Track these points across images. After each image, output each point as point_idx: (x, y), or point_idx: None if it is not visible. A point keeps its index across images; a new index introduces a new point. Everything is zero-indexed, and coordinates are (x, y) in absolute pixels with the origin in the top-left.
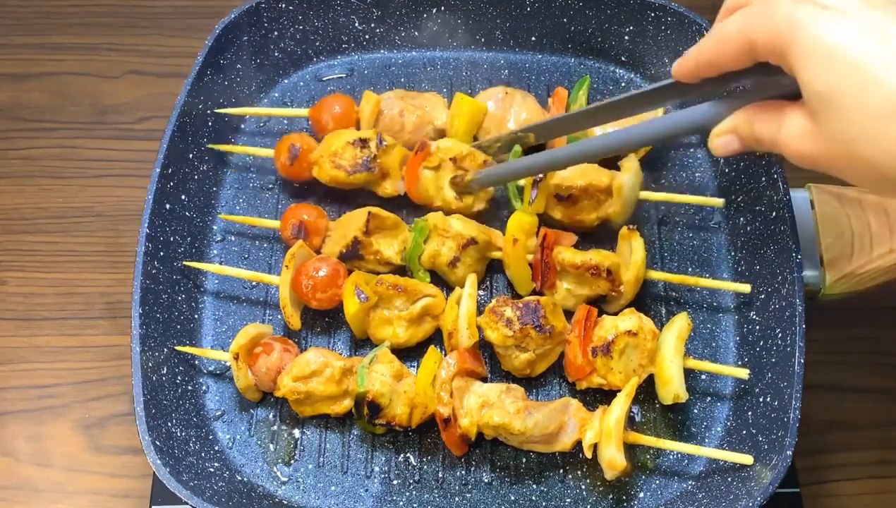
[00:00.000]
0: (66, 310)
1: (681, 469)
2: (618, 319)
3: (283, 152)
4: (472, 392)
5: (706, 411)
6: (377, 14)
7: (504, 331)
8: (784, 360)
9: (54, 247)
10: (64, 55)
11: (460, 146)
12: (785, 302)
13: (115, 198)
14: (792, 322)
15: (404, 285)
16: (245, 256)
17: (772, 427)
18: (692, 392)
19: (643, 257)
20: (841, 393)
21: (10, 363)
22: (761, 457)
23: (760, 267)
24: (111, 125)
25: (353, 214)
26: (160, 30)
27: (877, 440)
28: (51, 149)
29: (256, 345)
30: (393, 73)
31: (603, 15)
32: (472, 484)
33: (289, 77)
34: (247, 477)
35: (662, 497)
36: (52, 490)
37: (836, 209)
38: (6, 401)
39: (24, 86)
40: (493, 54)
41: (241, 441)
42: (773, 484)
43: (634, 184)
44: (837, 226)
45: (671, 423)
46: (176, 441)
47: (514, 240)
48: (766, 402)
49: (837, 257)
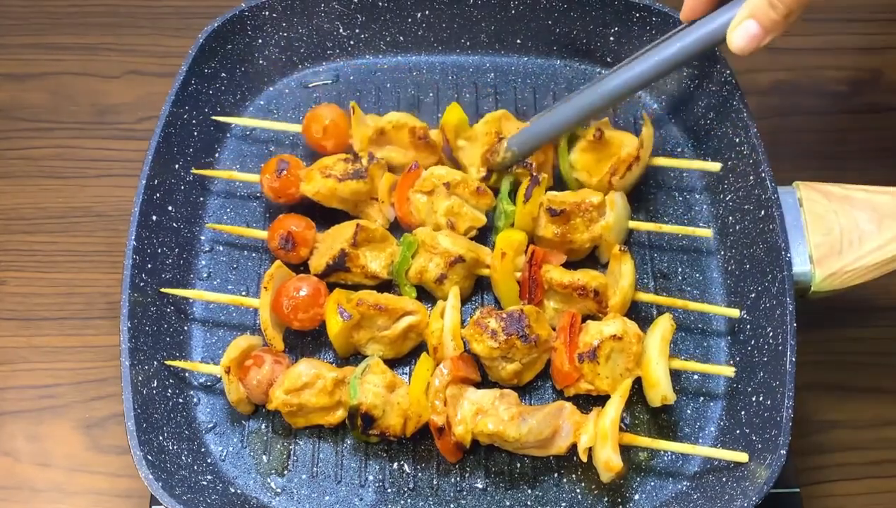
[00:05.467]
0: (66, 310)
1: (675, 470)
2: (602, 324)
3: (271, 170)
4: (466, 399)
5: (699, 411)
6: (362, 20)
7: (489, 343)
8: (776, 359)
9: (54, 246)
10: (63, 55)
11: (453, 173)
12: (775, 301)
13: (115, 198)
14: (783, 320)
15: (385, 303)
16: (234, 266)
17: (765, 426)
18: (684, 392)
19: (631, 282)
20: (841, 393)
21: (10, 363)
22: (756, 456)
23: (750, 265)
24: (111, 125)
25: (341, 226)
26: (160, 30)
27: (876, 440)
28: (51, 149)
29: (247, 358)
30: (379, 78)
31: (588, 16)
32: (467, 491)
33: (274, 85)
34: (240, 489)
35: (657, 498)
36: (52, 490)
37: (824, 206)
38: (6, 401)
39: (23, 86)
40: (478, 58)
41: (234, 453)
42: (768, 483)
43: (624, 205)
44: (826, 224)
45: (664, 424)
46: (168, 454)
47: (503, 254)
48: (759, 401)
49: (826, 254)
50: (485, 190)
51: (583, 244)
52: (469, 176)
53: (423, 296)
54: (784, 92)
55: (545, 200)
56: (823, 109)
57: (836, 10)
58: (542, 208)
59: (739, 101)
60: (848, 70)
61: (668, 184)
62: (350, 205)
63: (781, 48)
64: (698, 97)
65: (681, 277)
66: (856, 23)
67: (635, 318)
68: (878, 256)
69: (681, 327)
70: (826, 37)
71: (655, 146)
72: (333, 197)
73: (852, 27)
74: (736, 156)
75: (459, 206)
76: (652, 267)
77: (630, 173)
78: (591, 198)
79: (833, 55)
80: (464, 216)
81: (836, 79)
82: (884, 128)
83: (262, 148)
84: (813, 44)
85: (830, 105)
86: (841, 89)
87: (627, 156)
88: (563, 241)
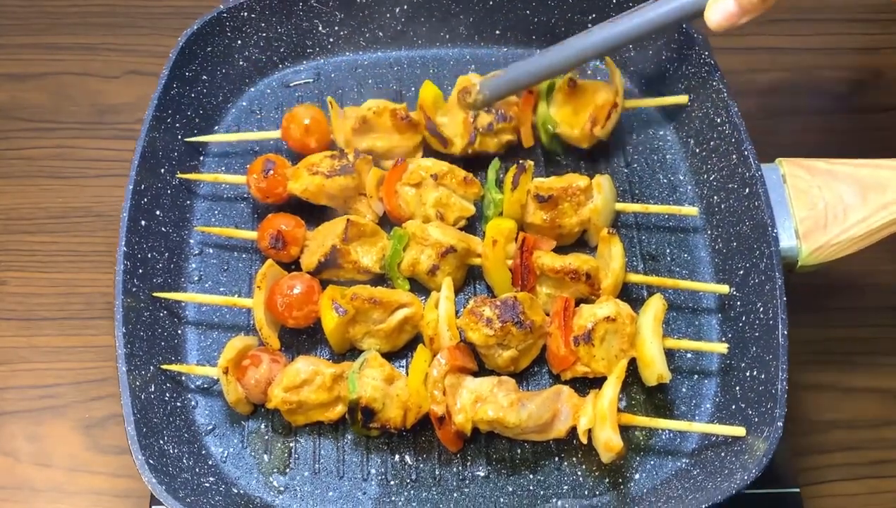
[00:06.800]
0: (67, 310)
1: (674, 448)
2: (595, 307)
3: (257, 170)
4: (465, 387)
5: (694, 389)
6: (340, 17)
7: (485, 331)
8: (767, 334)
9: (54, 246)
10: (63, 55)
11: (440, 164)
12: (764, 276)
13: (114, 198)
14: (773, 295)
15: (379, 297)
16: (224, 268)
17: (760, 399)
18: (678, 371)
19: (622, 264)
20: (841, 393)
21: (10, 363)
22: (753, 430)
23: (737, 243)
24: (111, 125)
25: (331, 223)
26: (160, 30)
27: (876, 440)
28: (51, 149)
29: (244, 358)
30: (360, 74)
31: (565, 4)
32: (470, 479)
33: (255, 85)
34: (243, 490)
35: (658, 476)
36: (52, 490)
37: (807, 182)
38: (6, 401)
39: (23, 86)
40: (458, 50)
41: (235, 454)
42: (766, 456)
43: (611, 188)
44: (810, 199)
45: (660, 404)
46: (169, 458)
47: (494, 241)
48: (753, 376)
49: (812, 229)
50: (472, 179)
51: (572, 228)
52: (455, 168)
53: (416, 289)
54: (784, 92)
55: (532, 187)
56: (823, 109)
57: (836, 10)
58: (529, 195)
59: (719, 81)
60: (848, 70)
61: (652, 166)
62: (339, 202)
63: (781, 48)
64: (677, 79)
65: (669, 258)
66: (856, 23)
67: (627, 300)
68: (864, 228)
69: (672, 307)
70: (826, 37)
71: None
72: (321, 193)
73: (852, 27)
74: (718, 135)
75: (448, 197)
76: (640, 250)
77: (610, 121)
78: (577, 182)
79: (833, 55)
80: (452, 207)
81: (835, 79)
82: (884, 128)
83: (247, 149)
84: (813, 44)
85: (830, 105)
86: (841, 89)
87: (605, 102)
88: (552, 227)
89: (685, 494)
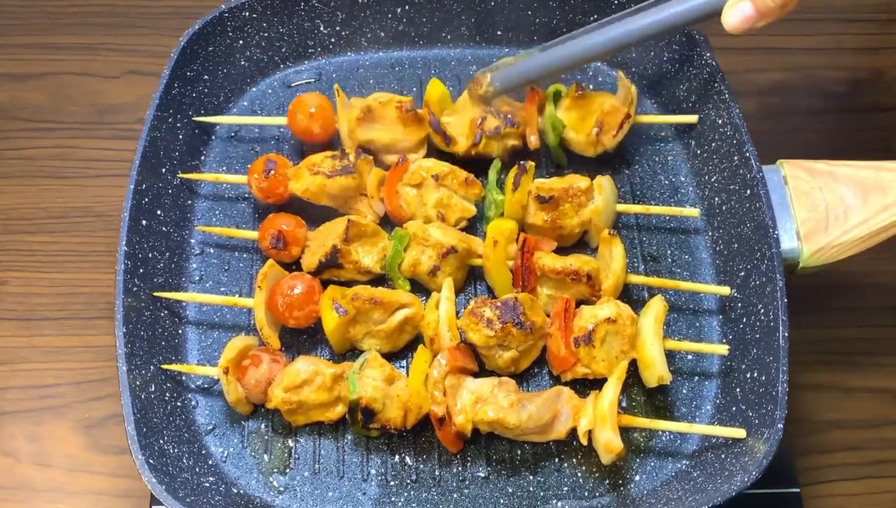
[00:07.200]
0: (67, 310)
1: (674, 450)
2: (596, 308)
3: (258, 170)
4: (465, 388)
5: (694, 391)
6: (342, 17)
7: (485, 332)
8: (768, 335)
9: (54, 246)
10: (63, 55)
11: (441, 165)
12: (765, 278)
13: (115, 198)
14: (773, 297)
15: (380, 298)
16: (225, 268)
17: (761, 401)
18: (679, 373)
19: (623, 265)
20: (841, 393)
21: (10, 363)
22: (753, 432)
23: (738, 244)
24: (111, 125)
25: (332, 223)
26: (160, 30)
27: (876, 440)
28: (51, 149)
29: (244, 358)
30: (361, 74)
31: (567, 5)
32: (470, 480)
33: (257, 85)
34: (243, 490)
35: (658, 478)
36: (52, 490)
37: (808, 183)
38: (6, 401)
39: (23, 86)
40: (460, 50)
41: (235, 454)
42: (766, 458)
43: (612, 189)
44: (811, 200)
45: (661, 405)
46: (169, 458)
47: (495, 242)
48: (754, 378)
49: (813, 230)
50: (473, 180)
51: (573, 229)
52: (456, 169)
53: (416, 289)
54: (784, 92)
55: (533, 188)
56: (823, 109)
57: (836, 10)
58: (530, 196)
59: (721, 83)
60: (847, 70)
61: (653, 167)
62: (339, 202)
63: (781, 48)
64: (680, 80)
65: (670, 259)
66: (856, 23)
67: (628, 301)
68: (864, 229)
69: (673, 308)
70: (826, 37)
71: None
72: (322, 194)
73: (852, 27)
74: (720, 137)
75: (449, 198)
76: (641, 251)
77: (621, 131)
78: (578, 183)
79: (833, 55)
80: (453, 207)
81: (835, 79)
82: (884, 128)
83: (248, 149)
84: (812, 44)
85: (830, 105)
86: (840, 89)
87: (612, 108)
88: (553, 227)
89: (685, 496)
